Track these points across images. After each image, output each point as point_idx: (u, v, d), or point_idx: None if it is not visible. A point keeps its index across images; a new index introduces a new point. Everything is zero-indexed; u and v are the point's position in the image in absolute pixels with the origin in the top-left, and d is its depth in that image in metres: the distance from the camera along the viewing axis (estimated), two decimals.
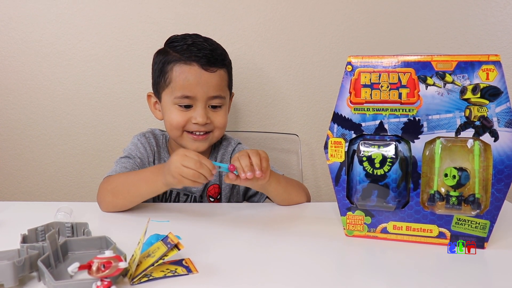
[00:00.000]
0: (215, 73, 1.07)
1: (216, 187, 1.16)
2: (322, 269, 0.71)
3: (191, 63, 1.06)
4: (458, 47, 1.40)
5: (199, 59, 1.06)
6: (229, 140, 1.21)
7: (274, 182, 0.99)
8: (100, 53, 1.39)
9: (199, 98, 1.06)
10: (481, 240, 0.78)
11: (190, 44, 1.08)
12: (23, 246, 0.68)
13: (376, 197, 0.80)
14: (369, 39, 1.40)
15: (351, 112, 0.81)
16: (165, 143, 1.18)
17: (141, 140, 1.13)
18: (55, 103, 1.41)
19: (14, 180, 1.45)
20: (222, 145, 1.20)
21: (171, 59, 1.08)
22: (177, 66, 1.07)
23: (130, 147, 1.12)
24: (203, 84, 1.06)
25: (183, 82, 1.06)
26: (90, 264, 0.57)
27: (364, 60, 0.80)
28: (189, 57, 1.06)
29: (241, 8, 1.38)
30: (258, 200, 1.16)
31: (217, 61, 1.08)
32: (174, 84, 1.07)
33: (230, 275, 0.67)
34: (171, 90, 1.07)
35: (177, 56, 1.07)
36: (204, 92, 1.06)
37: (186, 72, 1.06)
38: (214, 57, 1.08)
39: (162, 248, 0.65)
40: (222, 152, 1.19)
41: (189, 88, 1.05)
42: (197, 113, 1.06)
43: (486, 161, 0.76)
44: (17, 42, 1.37)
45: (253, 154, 0.89)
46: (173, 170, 0.86)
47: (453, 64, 0.75)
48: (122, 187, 0.96)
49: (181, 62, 1.06)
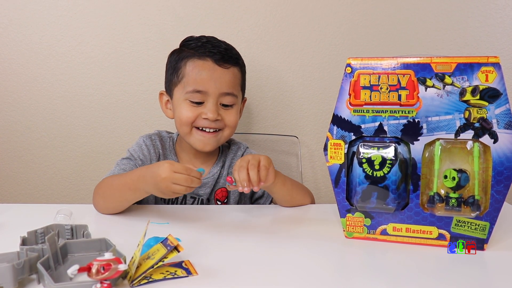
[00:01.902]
0: (229, 69, 1.07)
1: (224, 191, 1.15)
2: (322, 271, 0.71)
3: (205, 58, 1.06)
4: (457, 49, 1.40)
5: (213, 55, 1.06)
6: (238, 144, 1.20)
7: (279, 183, 0.99)
8: (100, 55, 1.39)
9: (211, 93, 1.05)
10: (481, 242, 0.78)
11: (205, 42, 1.09)
12: (22, 248, 0.68)
13: (376, 199, 0.80)
14: (369, 41, 1.41)
15: (350, 114, 0.81)
16: (172, 145, 1.17)
17: (146, 142, 1.12)
18: (55, 105, 1.41)
19: (14, 182, 1.45)
20: (231, 150, 1.19)
21: (185, 55, 1.08)
22: (190, 61, 1.07)
23: (134, 148, 1.12)
24: (216, 79, 1.05)
25: (195, 76, 1.05)
26: (90, 266, 0.57)
27: (363, 62, 0.80)
28: (203, 52, 1.06)
29: (240, 10, 1.38)
30: (264, 202, 1.16)
31: (231, 59, 1.08)
32: (187, 78, 1.06)
33: (229, 277, 0.67)
34: (183, 85, 1.07)
35: (191, 52, 1.08)
36: (216, 87, 1.05)
37: (200, 66, 1.06)
38: (228, 54, 1.08)
39: (161, 250, 0.65)
40: (231, 157, 1.17)
41: (202, 82, 1.05)
42: (208, 109, 1.06)
43: (486, 162, 0.76)
44: (17, 44, 1.37)
45: (252, 167, 0.88)
46: (164, 188, 0.83)
47: (452, 66, 0.76)
48: (110, 192, 0.96)
49: (195, 57, 1.07)
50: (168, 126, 1.29)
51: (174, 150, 1.16)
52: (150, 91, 1.40)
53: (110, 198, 0.96)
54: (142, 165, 1.09)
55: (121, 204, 0.96)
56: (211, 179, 1.13)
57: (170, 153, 1.16)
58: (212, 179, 1.13)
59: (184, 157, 1.15)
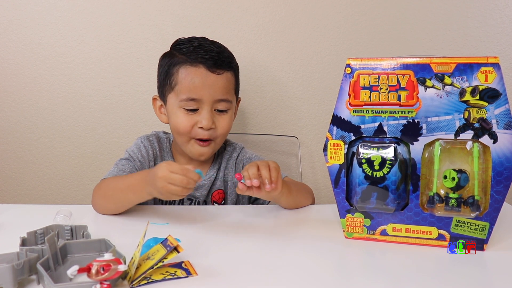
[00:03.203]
0: (222, 75, 1.06)
1: (220, 192, 1.15)
2: (321, 271, 0.71)
3: (197, 65, 1.05)
4: (457, 49, 1.40)
5: (206, 61, 1.04)
6: (233, 145, 1.20)
7: (286, 193, 0.97)
8: (100, 56, 1.39)
9: (205, 100, 1.05)
10: (481, 242, 0.78)
11: (197, 46, 1.06)
12: (22, 249, 0.68)
13: (376, 199, 0.80)
14: (368, 41, 1.41)
15: (350, 114, 0.81)
16: (169, 146, 1.17)
17: (144, 143, 1.12)
18: (55, 106, 1.41)
19: (13, 183, 1.45)
20: (226, 151, 1.18)
21: (177, 61, 1.06)
22: (182, 68, 1.05)
23: (133, 149, 1.11)
24: (209, 86, 1.04)
25: (188, 84, 1.04)
26: (90, 267, 0.57)
27: (363, 62, 0.80)
28: (195, 59, 1.05)
29: (240, 11, 1.38)
30: (263, 203, 1.15)
31: (224, 64, 1.06)
32: (180, 86, 1.05)
33: (229, 277, 0.67)
34: (177, 93, 1.06)
35: (183, 58, 1.06)
36: (210, 94, 1.04)
37: (192, 74, 1.04)
38: (221, 59, 1.06)
39: (161, 251, 0.65)
40: (227, 158, 1.17)
41: (195, 90, 1.04)
42: (203, 117, 1.05)
43: (485, 163, 0.76)
44: (17, 44, 1.37)
45: (263, 166, 0.88)
46: (160, 187, 0.83)
47: (452, 66, 0.76)
48: (111, 192, 0.95)
49: (187, 64, 1.05)
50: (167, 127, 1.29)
51: (170, 152, 1.16)
52: (150, 92, 1.40)
53: (112, 198, 0.95)
54: (141, 166, 1.09)
55: (122, 205, 0.96)
56: (207, 181, 1.13)
57: (167, 155, 1.16)
58: (208, 181, 1.13)
59: (180, 159, 1.15)
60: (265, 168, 0.88)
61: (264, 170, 0.87)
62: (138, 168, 1.08)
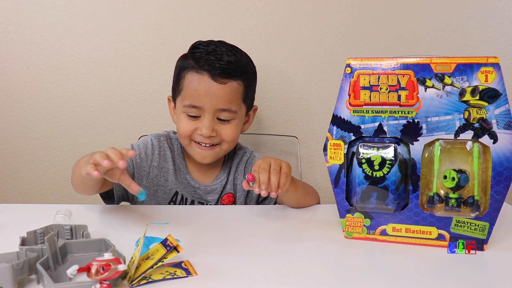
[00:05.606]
0: (226, 85, 1.04)
1: (230, 196, 1.15)
2: (321, 271, 0.71)
3: (202, 72, 1.04)
4: (457, 49, 1.40)
5: (212, 69, 1.03)
6: (244, 149, 1.19)
7: (291, 189, 0.96)
8: (100, 56, 1.39)
9: (207, 109, 1.04)
10: (481, 242, 0.78)
11: (209, 52, 1.05)
12: (22, 248, 0.68)
13: (376, 199, 0.80)
14: (368, 41, 1.41)
15: (350, 114, 0.81)
16: (180, 148, 1.15)
17: (153, 142, 1.12)
18: (54, 105, 1.41)
19: (13, 182, 1.45)
20: (237, 155, 1.18)
21: (186, 66, 1.06)
22: (189, 74, 1.05)
23: (139, 143, 1.11)
24: (211, 95, 1.03)
25: (191, 91, 1.04)
26: (89, 266, 0.57)
27: (363, 62, 0.80)
28: (202, 66, 1.04)
29: (239, 11, 1.38)
30: (269, 203, 1.15)
31: (231, 73, 1.04)
32: (185, 92, 1.06)
33: (229, 277, 0.67)
34: (182, 97, 1.07)
35: (192, 64, 1.05)
36: (212, 103, 1.03)
37: (196, 81, 1.04)
38: (230, 67, 1.04)
39: (161, 251, 0.65)
40: (237, 162, 1.17)
41: (197, 98, 1.04)
42: (203, 124, 1.05)
43: (485, 163, 0.76)
44: (17, 44, 1.37)
45: (274, 172, 0.87)
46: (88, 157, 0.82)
47: (452, 66, 0.76)
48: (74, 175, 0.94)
49: (194, 70, 1.05)
50: (167, 127, 1.29)
51: (182, 154, 1.15)
52: (150, 92, 1.40)
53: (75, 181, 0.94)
54: (140, 163, 1.08)
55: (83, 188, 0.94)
56: (219, 185, 1.13)
57: (179, 157, 1.15)
58: (220, 186, 1.13)
59: (190, 163, 1.15)
60: (276, 174, 0.87)
61: (273, 177, 0.87)
62: (136, 164, 1.08)
